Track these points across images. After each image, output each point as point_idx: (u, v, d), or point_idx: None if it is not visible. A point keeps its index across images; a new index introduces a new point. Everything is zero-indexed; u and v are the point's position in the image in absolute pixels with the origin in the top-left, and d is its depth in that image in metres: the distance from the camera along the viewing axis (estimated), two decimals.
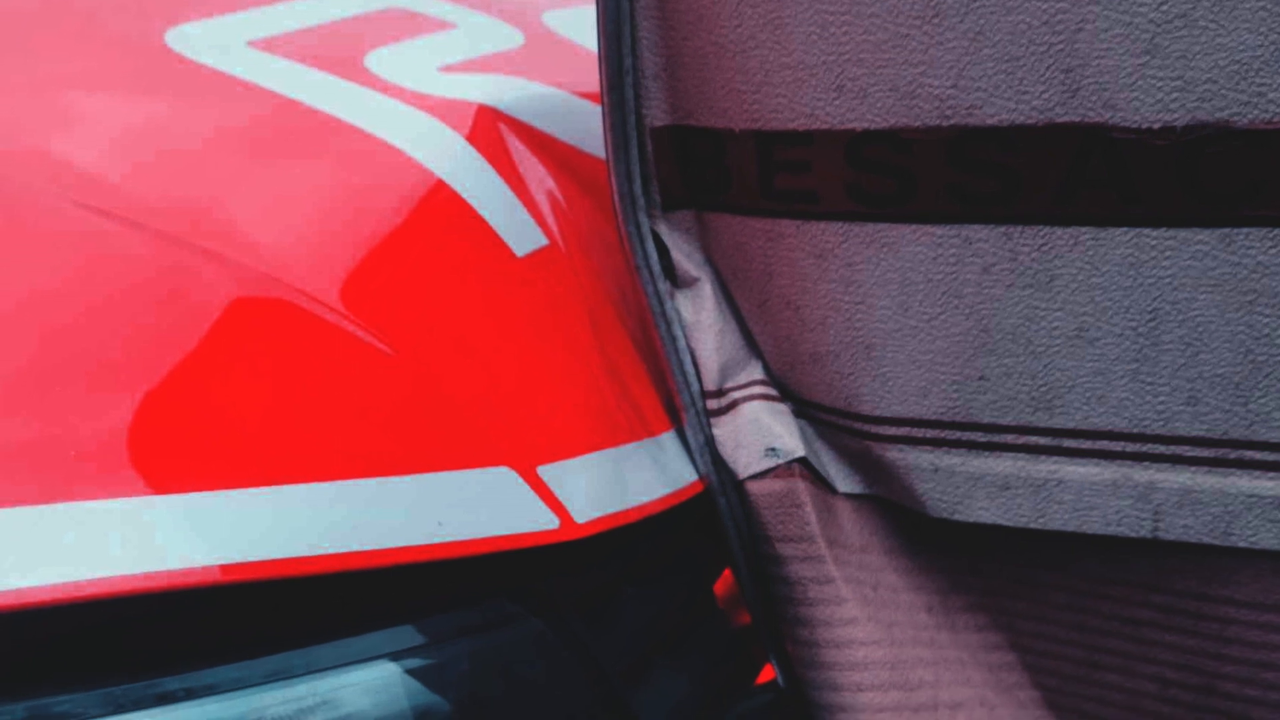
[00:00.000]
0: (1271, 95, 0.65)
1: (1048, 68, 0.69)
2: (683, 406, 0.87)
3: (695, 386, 0.87)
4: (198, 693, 0.62)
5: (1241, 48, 0.65)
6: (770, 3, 0.75)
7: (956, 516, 0.83)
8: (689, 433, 0.87)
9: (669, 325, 0.86)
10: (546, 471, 0.74)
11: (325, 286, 0.73)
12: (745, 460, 0.85)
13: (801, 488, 0.85)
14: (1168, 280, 0.72)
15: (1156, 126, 0.68)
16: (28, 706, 0.59)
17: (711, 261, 0.87)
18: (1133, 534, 0.79)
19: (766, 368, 0.88)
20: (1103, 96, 0.69)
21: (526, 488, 0.73)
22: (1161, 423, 0.76)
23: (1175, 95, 0.67)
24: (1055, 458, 0.79)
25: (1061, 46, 0.68)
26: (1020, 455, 0.80)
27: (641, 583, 0.84)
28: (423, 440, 0.70)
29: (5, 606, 0.56)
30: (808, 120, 0.76)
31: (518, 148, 0.91)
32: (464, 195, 0.84)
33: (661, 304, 0.86)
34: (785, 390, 0.88)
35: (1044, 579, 0.87)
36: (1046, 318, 0.75)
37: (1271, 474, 0.75)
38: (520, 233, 0.86)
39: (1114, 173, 0.70)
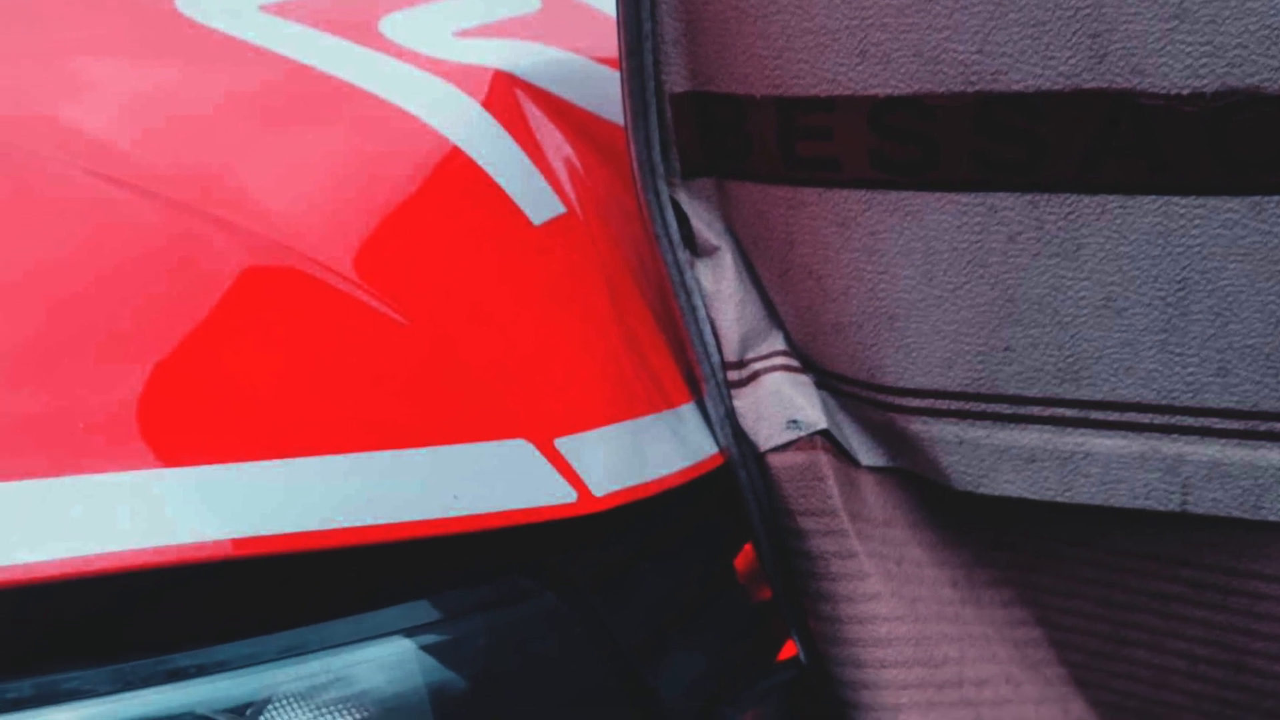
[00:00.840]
0: None
1: (1074, 33, 0.68)
2: (703, 378, 0.87)
3: (715, 357, 0.86)
4: (209, 669, 0.62)
5: (1272, 12, 0.64)
6: None
7: (982, 490, 0.83)
8: (709, 404, 0.87)
9: (689, 295, 0.86)
10: (564, 444, 0.74)
11: (338, 255, 0.73)
12: (766, 432, 0.85)
13: (824, 460, 0.84)
14: (1197, 249, 0.71)
15: (1185, 93, 0.67)
16: (35, 684, 0.58)
17: (732, 230, 0.87)
18: (1161, 507, 0.79)
19: (788, 338, 0.88)
20: (1130, 62, 0.68)
21: (543, 460, 0.72)
22: (1191, 394, 0.75)
23: (1204, 61, 0.66)
24: (1082, 430, 0.79)
25: (1088, 11, 0.67)
26: (1047, 427, 0.80)
27: (660, 557, 0.84)
28: (438, 412, 0.70)
29: (12, 581, 0.55)
30: (830, 86, 0.75)
31: (535, 114, 0.91)
32: (480, 162, 0.83)
33: (681, 273, 0.86)
34: (807, 361, 0.88)
35: (1070, 553, 0.87)
36: (1073, 287, 0.74)
37: None
38: (537, 200, 0.85)
39: (1142, 140, 0.69)
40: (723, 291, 0.86)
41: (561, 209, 0.87)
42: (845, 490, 0.85)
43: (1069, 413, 0.79)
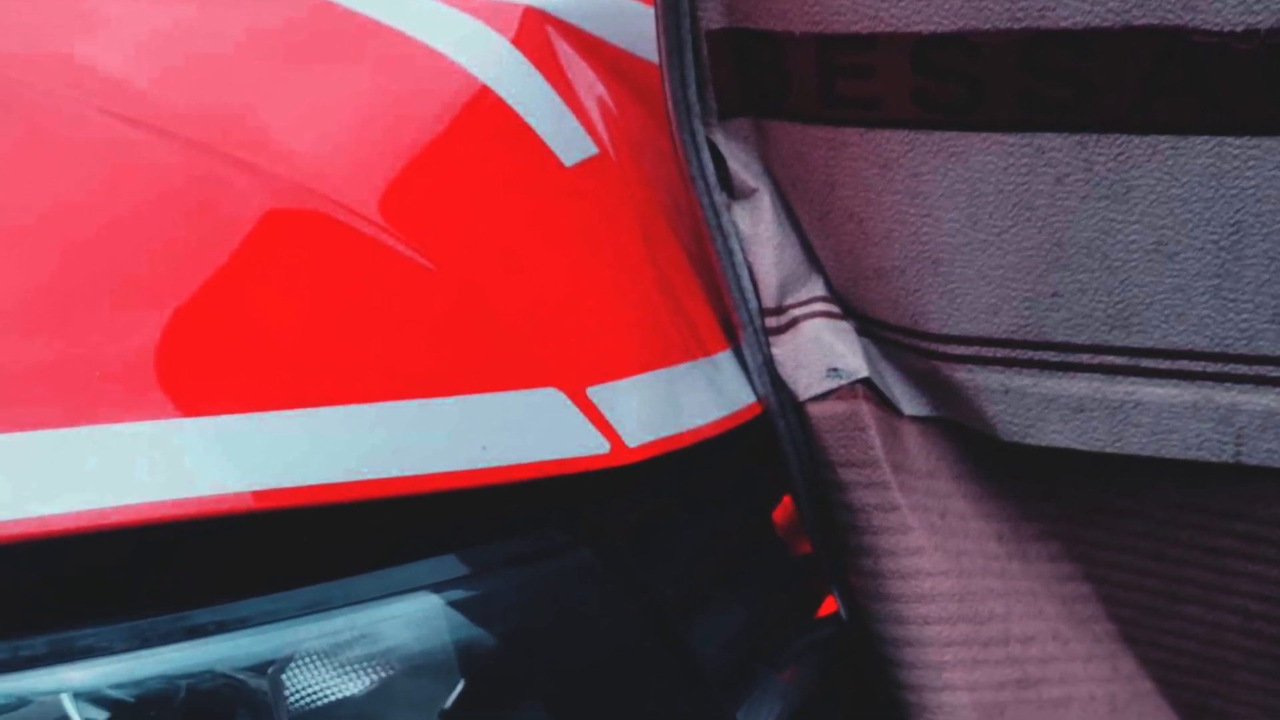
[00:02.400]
0: None
1: None
2: (740, 324, 0.86)
3: (753, 303, 0.85)
4: (229, 626, 0.61)
5: None
6: None
7: (1028, 440, 0.82)
8: (746, 352, 0.86)
9: (725, 239, 0.85)
10: (596, 393, 0.73)
11: (363, 198, 0.72)
12: (806, 381, 0.84)
13: (865, 410, 0.84)
14: (1251, 191, 0.70)
15: (1239, 30, 0.66)
16: (50, 640, 0.58)
17: (770, 172, 0.86)
18: (1214, 458, 0.78)
19: (828, 283, 0.87)
20: None
21: (575, 410, 0.71)
22: (1244, 341, 0.74)
23: None
24: (1132, 378, 0.78)
25: None
26: (1096, 376, 0.79)
27: (696, 510, 0.84)
28: (466, 360, 0.69)
29: (26, 535, 0.55)
30: (871, 23, 0.74)
31: (566, 52, 0.90)
32: (509, 102, 0.82)
33: (718, 216, 0.85)
34: (848, 307, 0.87)
35: (1120, 506, 0.87)
36: (1123, 231, 0.74)
37: None
38: (569, 141, 0.84)
39: (1194, 78, 0.68)
40: (760, 235, 0.85)
41: (594, 150, 0.86)
42: (887, 441, 0.84)
43: (1119, 360, 0.78)
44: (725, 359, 0.86)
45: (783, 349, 0.86)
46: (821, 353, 0.85)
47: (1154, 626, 0.89)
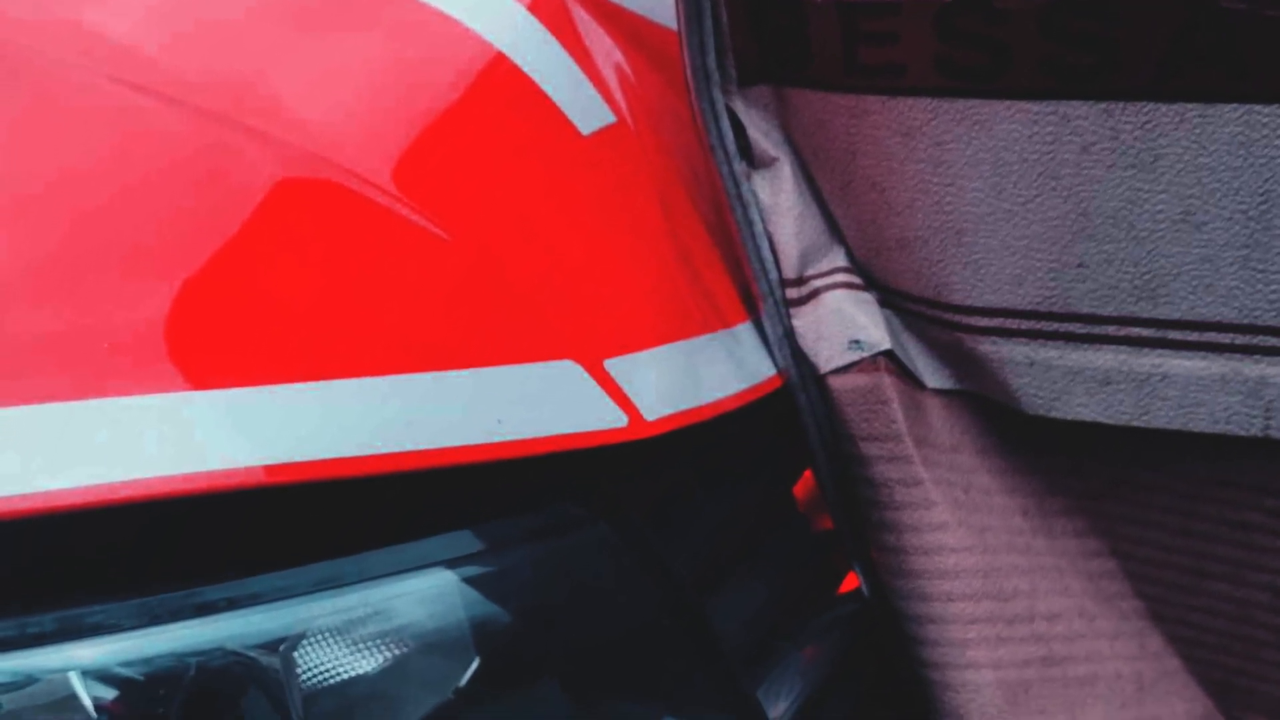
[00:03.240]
0: None
1: None
2: (760, 296, 0.86)
3: (773, 274, 0.85)
4: (240, 602, 0.61)
5: None
6: None
7: (1054, 413, 0.82)
8: (766, 324, 0.86)
9: (745, 208, 0.85)
10: (614, 365, 0.72)
11: (377, 167, 0.71)
12: (827, 353, 0.84)
13: (887, 383, 0.83)
14: None
15: None
16: (58, 618, 0.58)
17: (791, 140, 0.85)
18: (1242, 432, 0.78)
19: (850, 254, 0.87)
20: None
21: (592, 383, 0.71)
22: (1274, 313, 0.74)
23: None
24: (1159, 350, 0.78)
25: None
26: (1122, 348, 0.79)
27: (715, 485, 0.84)
28: (481, 332, 0.69)
29: (33, 510, 0.54)
30: None
31: (583, 18, 0.89)
32: (525, 69, 0.82)
33: (737, 185, 0.84)
34: (870, 278, 0.87)
35: (1147, 480, 0.87)
36: (1150, 200, 0.73)
37: None
38: (586, 109, 0.84)
39: (1221, 46, 0.68)
40: (781, 205, 0.85)
41: (611, 118, 0.86)
42: (910, 414, 0.84)
43: (1146, 332, 0.78)
44: (745, 331, 0.86)
45: (804, 321, 0.85)
46: (843, 324, 0.84)
47: (1181, 603, 0.89)
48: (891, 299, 0.86)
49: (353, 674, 0.62)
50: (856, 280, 0.86)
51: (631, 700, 0.72)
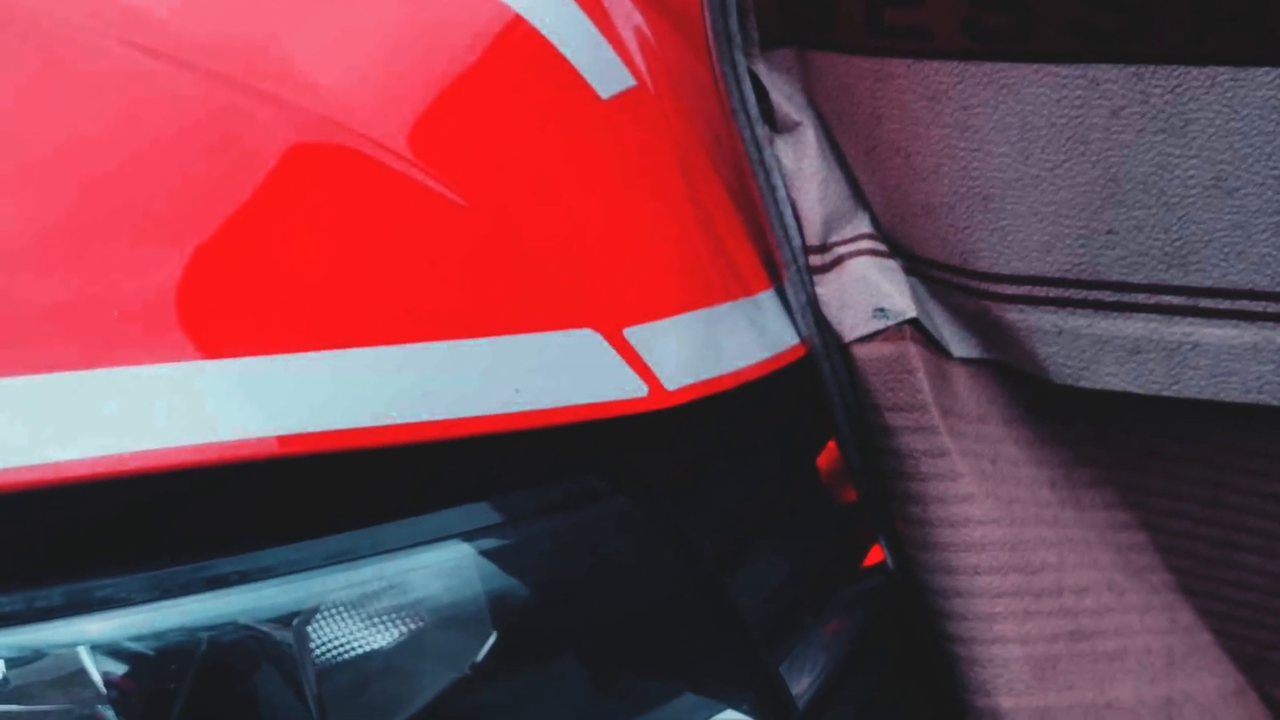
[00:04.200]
0: None
1: None
2: (783, 263, 0.85)
3: (797, 241, 0.85)
4: (252, 575, 0.60)
5: None
6: None
7: (1082, 383, 0.82)
8: (790, 292, 0.86)
9: (768, 174, 0.84)
10: (634, 334, 0.72)
11: (391, 131, 0.70)
12: (851, 322, 0.84)
13: (913, 351, 0.83)
14: None
15: None
16: (66, 591, 0.57)
17: (814, 104, 0.85)
18: (1274, 402, 0.77)
19: (874, 220, 0.86)
20: None
21: (612, 352, 0.71)
22: None
23: None
24: (1190, 319, 0.78)
25: None
26: (1152, 316, 0.79)
27: (737, 456, 0.84)
28: (498, 300, 0.68)
29: (42, 481, 0.54)
30: None
31: None
32: (543, 31, 0.81)
33: (760, 151, 0.84)
34: (895, 245, 0.86)
35: (1177, 451, 0.86)
36: (1181, 166, 0.73)
37: None
38: (605, 73, 0.83)
39: (1253, 7, 0.67)
40: (804, 170, 0.84)
41: (631, 82, 0.85)
42: (936, 384, 0.84)
43: (1176, 300, 0.77)
44: (768, 299, 0.85)
45: (827, 288, 0.85)
46: (868, 292, 0.84)
47: (1213, 577, 0.89)
48: (917, 266, 0.85)
49: (367, 649, 0.62)
50: (881, 247, 0.86)
51: (651, 676, 0.72)
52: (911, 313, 0.84)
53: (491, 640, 0.65)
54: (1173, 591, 0.90)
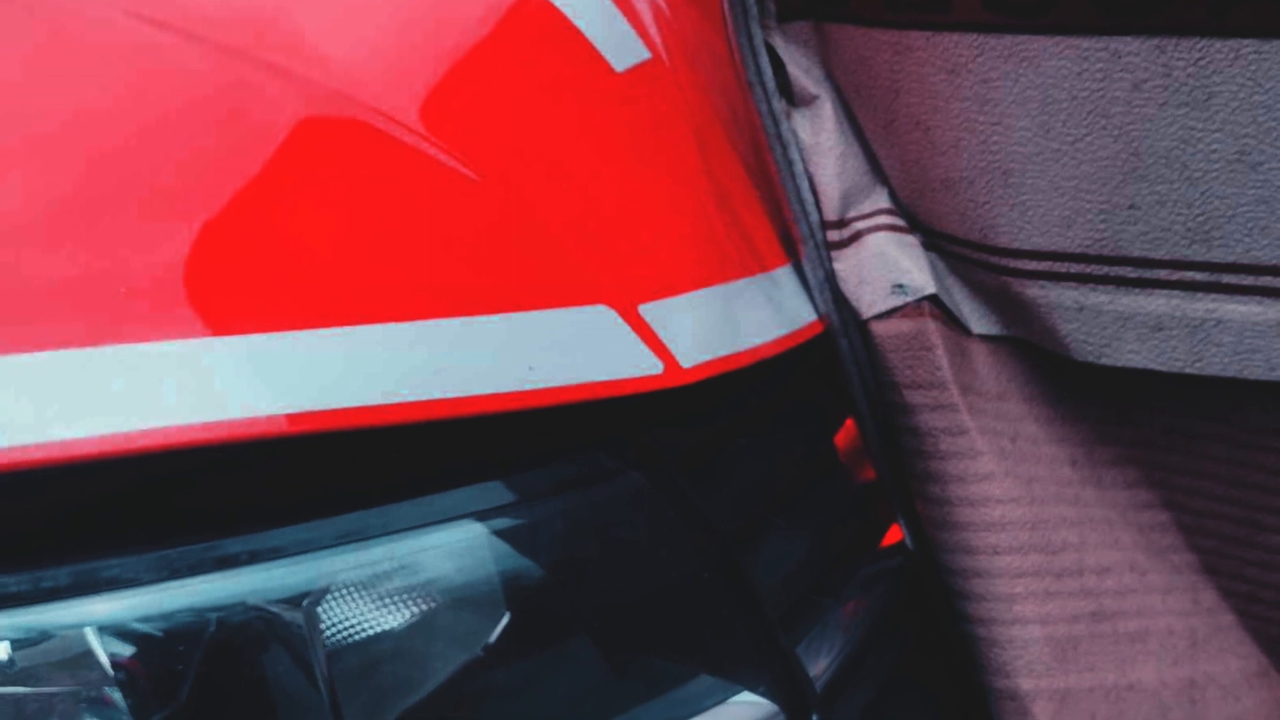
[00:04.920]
0: None
1: None
2: (800, 238, 0.85)
3: (814, 216, 0.85)
4: (262, 555, 0.60)
5: None
6: None
7: (1104, 360, 0.81)
8: (807, 267, 0.86)
9: (785, 148, 0.84)
10: (649, 310, 0.72)
11: (403, 105, 0.70)
12: (870, 298, 0.84)
13: (932, 328, 0.83)
14: None
15: None
16: (72, 571, 0.57)
17: (832, 77, 0.84)
18: None
19: (893, 195, 0.86)
20: None
21: (627, 328, 0.70)
22: None
23: None
24: (1213, 295, 0.77)
25: None
26: (1175, 292, 0.78)
27: (754, 434, 0.83)
28: (512, 276, 0.68)
29: (48, 460, 0.53)
30: None
31: None
32: (557, 3, 0.81)
33: (777, 124, 0.84)
34: (914, 220, 0.86)
35: (1200, 429, 0.86)
36: (1204, 140, 0.72)
37: None
38: (620, 45, 0.83)
39: None
40: (822, 144, 0.84)
41: (646, 55, 0.85)
42: (955, 361, 0.83)
43: (1199, 276, 0.77)
44: (785, 275, 0.85)
45: (845, 264, 0.85)
46: (886, 268, 0.84)
47: (1237, 557, 0.88)
48: (936, 241, 0.85)
49: (378, 630, 0.62)
50: (900, 222, 0.86)
51: (667, 657, 0.72)
52: (931, 289, 0.83)
53: (504, 621, 0.65)
54: (1196, 572, 0.90)
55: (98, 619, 0.57)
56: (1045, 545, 0.85)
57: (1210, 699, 0.90)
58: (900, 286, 0.83)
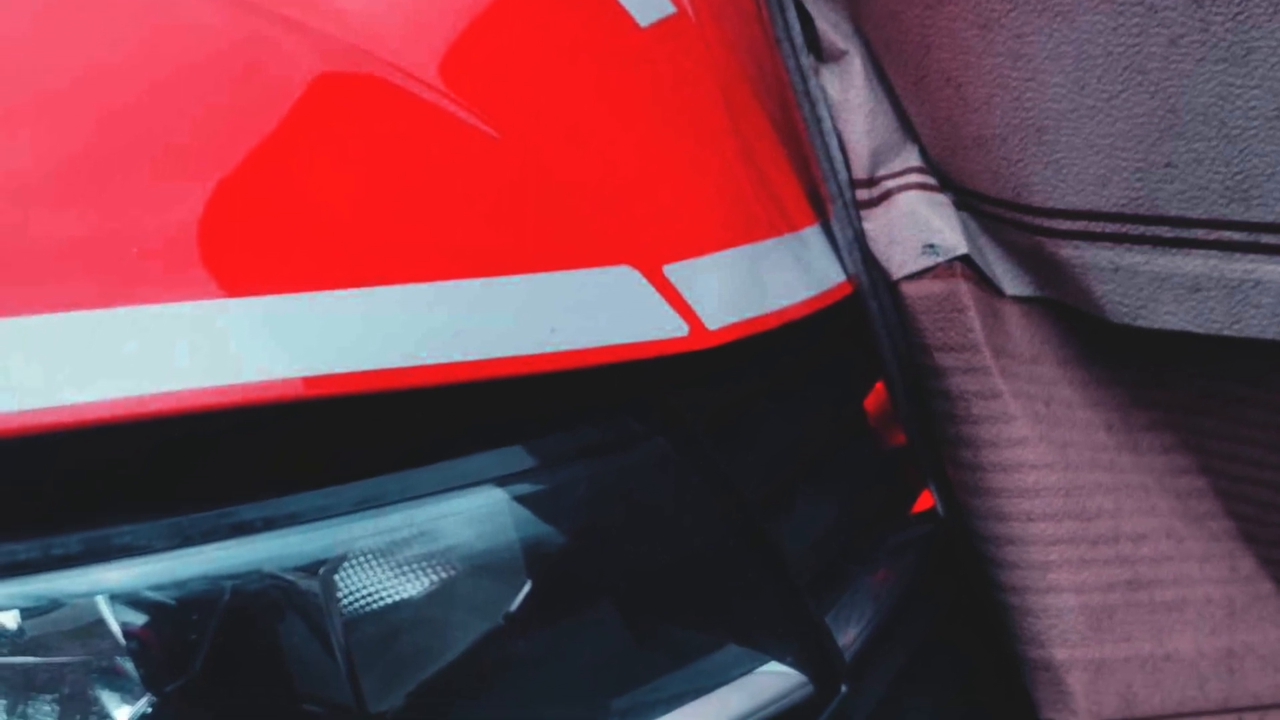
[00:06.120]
0: None
1: None
2: (829, 197, 0.85)
3: (843, 174, 0.84)
4: (278, 522, 0.59)
5: None
6: None
7: (1140, 322, 0.80)
8: (836, 227, 0.85)
9: (813, 105, 0.84)
10: (674, 271, 0.71)
11: (422, 60, 0.70)
12: (900, 258, 0.83)
13: (964, 289, 0.82)
14: None
15: None
16: (84, 539, 0.56)
17: (861, 32, 0.84)
18: None
19: (924, 153, 0.85)
20: None
21: (651, 289, 0.70)
22: None
23: None
24: (1252, 255, 0.76)
25: None
26: (1212, 252, 0.77)
27: (782, 398, 0.83)
28: (533, 236, 0.67)
29: (59, 424, 0.53)
30: None
31: None
32: None
33: (805, 81, 0.83)
34: (945, 179, 0.85)
35: (1238, 393, 0.85)
36: (1242, 96, 0.71)
37: None
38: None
39: None
40: (851, 101, 0.84)
41: (671, 9, 0.84)
42: (988, 322, 0.83)
43: (1237, 236, 0.75)
44: (813, 235, 0.85)
45: (875, 224, 0.84)
46: (917, 227, 0.83)
47: (1275, 524, 0.87)
48: (968, 201, 0.84)
49: (397, 598, 0.61)
50: (931, 180, 0.85)
51: (693, 626, 0.71)
52: (963, 249, 0.82)
53: (526, 589, 0.64)
54: (1234, 539, 0.89)
55: (109, 587, 0.56)
56: (1080, 512, 0.84)
57: (1249, 669, 0.89)
58: (931, 246, 0.82)
